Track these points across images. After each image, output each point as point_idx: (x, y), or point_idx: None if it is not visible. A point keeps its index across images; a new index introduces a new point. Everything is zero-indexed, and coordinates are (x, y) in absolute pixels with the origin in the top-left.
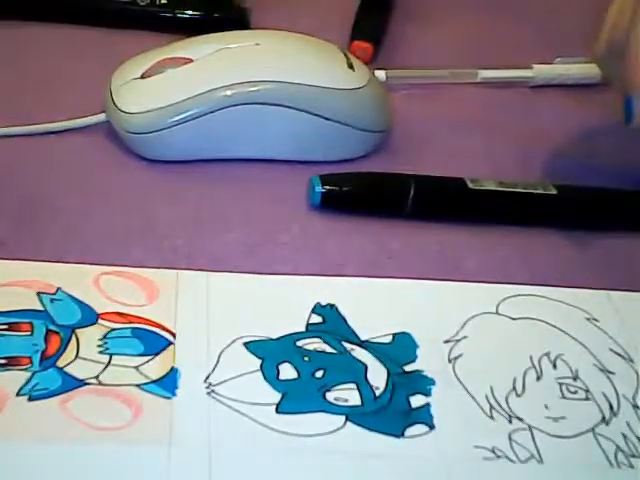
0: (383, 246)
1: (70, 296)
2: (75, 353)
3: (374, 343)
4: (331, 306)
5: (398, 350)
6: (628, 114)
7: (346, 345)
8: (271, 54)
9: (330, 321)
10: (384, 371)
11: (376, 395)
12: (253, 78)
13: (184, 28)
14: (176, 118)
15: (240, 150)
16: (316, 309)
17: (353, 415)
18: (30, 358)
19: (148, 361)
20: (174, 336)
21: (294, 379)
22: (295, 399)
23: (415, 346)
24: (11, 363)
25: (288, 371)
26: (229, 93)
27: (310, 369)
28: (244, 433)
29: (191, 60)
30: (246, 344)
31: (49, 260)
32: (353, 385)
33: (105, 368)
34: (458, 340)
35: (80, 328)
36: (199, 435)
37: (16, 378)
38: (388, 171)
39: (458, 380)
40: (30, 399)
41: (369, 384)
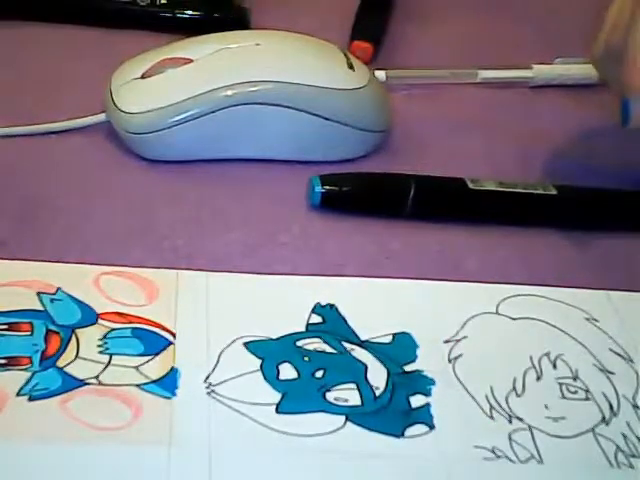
0: (383, 246)
1: (70, 296)
2: (75, 353)
3: (374, 343)
4: (331, 306)
5: (398, 350)
6: (625, 116)
7: (346, 345)
8: (271, 54)
9: (330, 321)
10: (384, 371)
11: (376, 395)
12: (253, 78)
13: (184, 28)
14: (176, 118)
15: (240, 150)
16: (316, 309)
17: (353, 415)
18: (30, 358)
19: (148, 361)
20: (174, 336)
21: (294, 379)
22: (295, 399)
23: (415, 346)
24: (11, 363)
25: (288, 371)
26: (229, 93)
27: (310, 369)
28: (244, 433)
29: (191, 60)
30: (246, 344)
31: (49, 260)
32: (353, 385)
33: (105, 368)
34: (458, 340)
35: (80, 328)
36: (199, 435)
37: (16, 378)
38: (388, 171)
39: (458, 380)
40: (30, 399)
41: (369, 384)
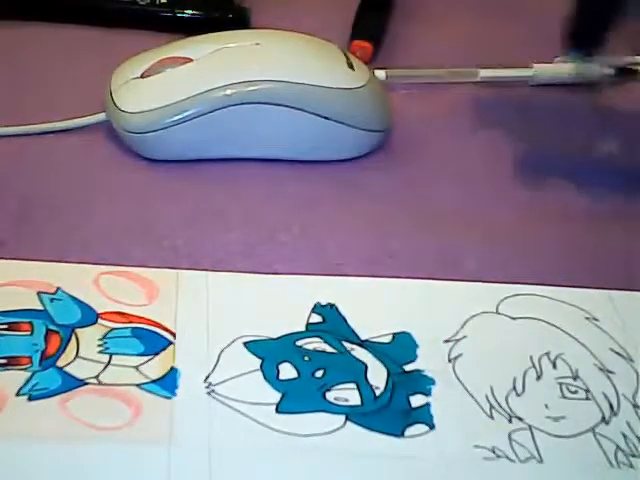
0: (383, 245)
1: (70, 296)
2: (75, 353)
3: (374, 343)
4: (331, 306)
5: (398, 350)
6: None
7: (346, 345)
8: (271, 54)
9: (330, 321)
10: (384, 371)
11: (376, 395)
12: (253, 78)
13: (184, 28)
14: (176, 118)
15: (240, 150)
16: (316, 309)
17: (353, 415)
18: (30, 358)
19: (148, 361)
20: (174, 336)
21: (294, 379)
22: (295, 399)
23: (415, 346)
24: (11, 363)
25: (288, 371)
26: (229, 93)
27: (310, 369)
28: (244, 433)
29: (191, 60)
30: (246, 344)
31: (49, 260)
32: (353, 385)
33: (105, 368)
34: (458, 340)
35: (80, 328)
36: (199, 435)
37: (16, 378)
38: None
39: (458, 380)
40: (30, 399)
41: (369, 384)
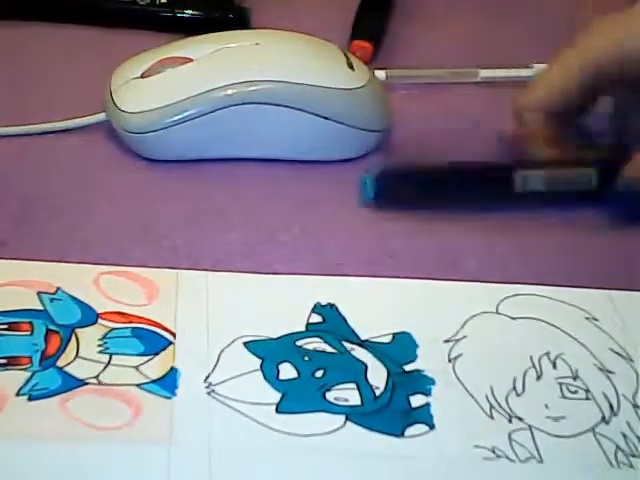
0: (383, 245)
1: (70, 296)
2: (75, 353)
3: (374, 343)
4: (331, 306)
5: (398, 350)
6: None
7: (346, 345)
8: (271, 54)
9: (330, 321)
10: (384, 371)
11: (376, 395)
12: (253, 78)
13: (184, 28)
14: (176, 118)
15: (240, 150)
16: (316, 309)
17: (353, 415)
18: (30, 358)
19: (148, 361)
20: (174, 336)
21: (294, 379)
22: (295, 399)
23: (415, 346)
24: (11, 363)
25: (288, 371)
26: (229, 93)
27: (310, 369)
28: (244, 433)
29: (191, 60)
30: (246, 344)
31: (49, 260)
32: (353, 385)
33: (105, 368)
34: (458, 340)
35: (80, 328)
36: (199, 435)
37: (16, 378)
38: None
39: (458, 380)
40: (30, 399)
41: (369, 384)
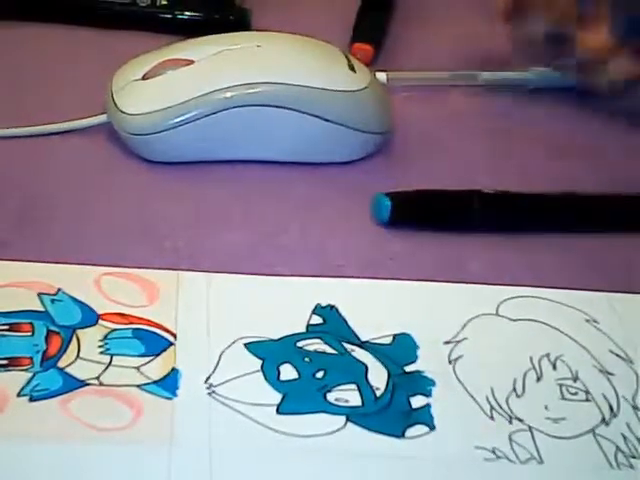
0: (384, 247)
1: (71, 297)
2: (76, 354)
3: (374, 344)
4: (331, 307)
5: (398, 351)
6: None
7: (346, 346)
8: (272, 56)
9: (330, 322)
10: (384, 372)
11: (377, 396)
12: (254, 80)
13: (184, 29)
14: (177, 120)
15: (241, 152)
16: (316, 310)
17: (354, 416)
18: (31, 359)
19: (149, 362)
20: (175, 337)
21: (295, 380)
22: (296, 400)
23: (415, 347)
24: (12, 364)
25: (289, 372)
26: (230, 95)
27: (311, 370)
28: (245, 434)
29: (192, 61)
30: (247, 345)
31: (50, 261)
32: (354, 386)
33: (106, 369)
34: (458, 341)
35: (81, 329)
36: (200, 436)
37: (17, 379)
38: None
39: (458, 381)
40: (31, 400)
41: (370, 385)
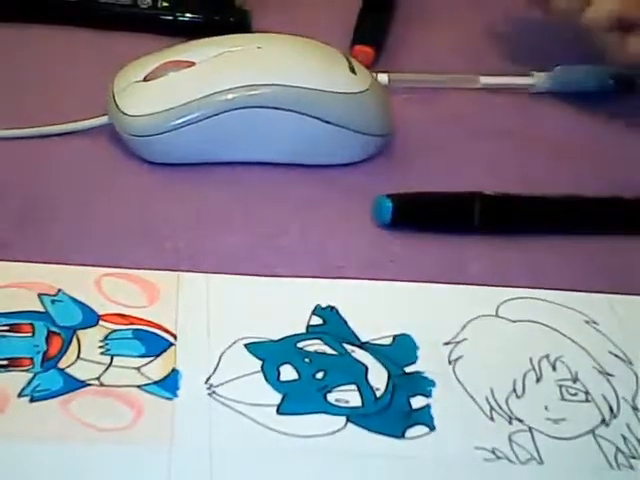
0: (384, 249)
1: (71, 297)
2: (76, 354)
3: (374, 345)
4: (331, 308)
5: (398, 352)
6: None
7: (346, 346)
8: (273, 57)
9: (330, 323)
10: (384, 372)
11: (377, 396)
12: (255, 81)
13: (185, 31)
14: (178, 121)
15: (242, 153)
16: (316, 311)
17: (354, 416)
18: (31, 359)
19: (149, 362)
20: (175, 337)
21: (295, 380)
22: (296, 400)
23: (415, 348)
24: (12, 364)
25: (289, 372)
26: (231, 96)
27: (311, 370)
28: (245, 434)
29: (193, 63)
30: (247, 345)
31: (51, 262)
32: (354, 386)
33: (106, 369)
34: (458, 342)
35: (81, 329)
36: (200, 436)
37: (17, 379)
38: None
39: (458, 382)
40: (31, 400)
41: (370, 385)
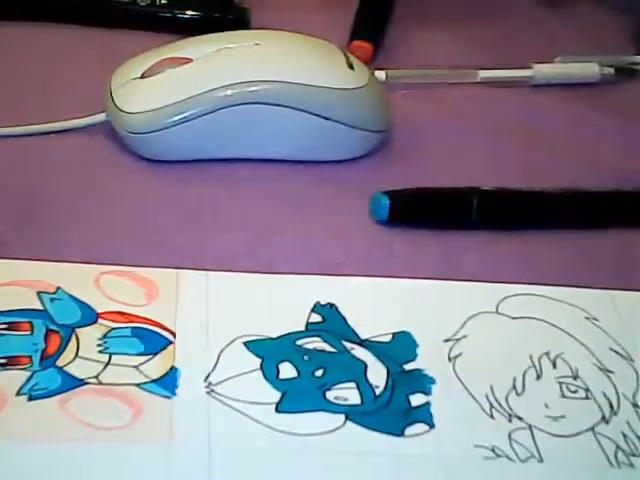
0: (383, 245)
1: (70, 295)
2: (75, 352)
3: (374, 342)
4: (331, 305)
5: (398, 349)
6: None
7: (346, 344)
8: (271, 54)
9: (330, 320)
10: (384, 370)
11: (376, 394)
12: (253, 78)
13: (184, 28)
14: (176, 118)
15: (240, 150)
16: (316, 308)
17: (353, 414)
18: (30, 357)
19: (148, 360)
20: (174, 335)
21: (294, 378)
22: (295, 398)
23: (415, 345)
24: (11, 363)
25: (288, 370)
26: (229, 93)
27: (310, 368)
28: (244, 432)
29: (191, 60)
30: (246, 343)
31: (49, 259)
32: (353, 384)
33: (105, 367)
34: (458, 339)
35: (80, 327)
36: (199, 434)
37: (16, 378)
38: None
39: (458, 379)
40: (30, 399)
41: (369, 383)
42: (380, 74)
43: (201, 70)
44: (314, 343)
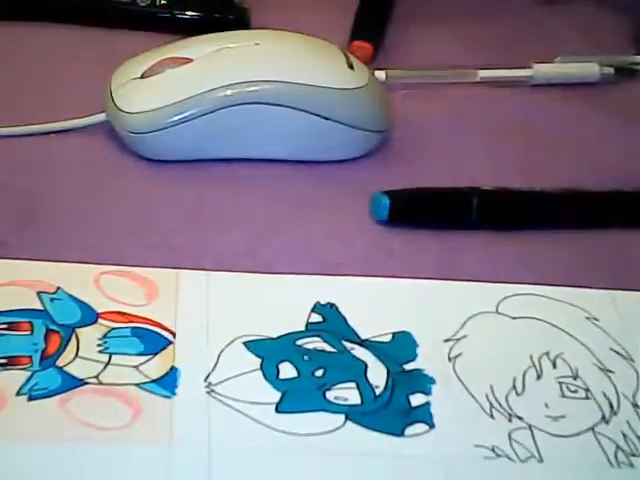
0: (383, 245)
1: (70, 295)
2: (75, 352)
3: (374, 342)
4: (331, 305)
5: (398, 349)
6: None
7: (346, 344)
8: (271, 54)
9: (330, 320)
10: (384, 370)
11: (376, 394)
12: (253, 78)
13: (184, 29)
14: (176, 118)
15: (240, 150)
16: (316, 308)
17: (353, 414)
18: (30, 357)
19: (148, 360)
20: (174, 335)
21: (294, 378)
22: (295, 398)
23: (415, 345)
24: (11, 363)
25: (288, 370)
26: (229, 93)
27: (310, 368)
28: (244, 432)
29: (191, 60)
30: (246, 343)
31: (49, 259)
32: (353, 384)
33: (105, 367)
34: (458, 339)
35: (80, 327)
36: (199, 434)
37: (16, 378)
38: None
39: (458, 379)
40: (30, 399)
41: (369, 383)
42: (380, 74)
43: (201, 70)
44: (314, 343)
